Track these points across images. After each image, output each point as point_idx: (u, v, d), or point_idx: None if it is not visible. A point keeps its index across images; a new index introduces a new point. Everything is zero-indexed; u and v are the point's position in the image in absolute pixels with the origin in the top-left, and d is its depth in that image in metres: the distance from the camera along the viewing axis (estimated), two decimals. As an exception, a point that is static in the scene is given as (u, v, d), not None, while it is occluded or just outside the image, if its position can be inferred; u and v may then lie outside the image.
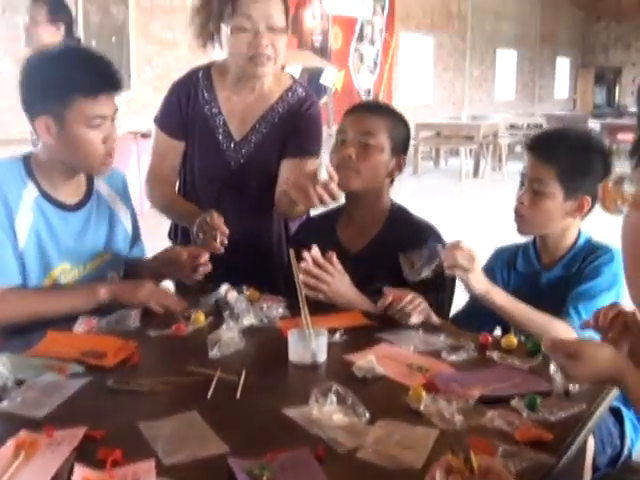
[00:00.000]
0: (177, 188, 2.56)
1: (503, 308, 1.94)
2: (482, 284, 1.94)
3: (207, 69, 2.47)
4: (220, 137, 2.42)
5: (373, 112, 2.25)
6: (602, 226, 1.97)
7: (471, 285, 1.92)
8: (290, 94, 2.46)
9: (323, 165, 1.98)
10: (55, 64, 2.00)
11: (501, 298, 1.95)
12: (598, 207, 2.07)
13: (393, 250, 2.17)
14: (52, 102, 1.96)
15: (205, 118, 2.42)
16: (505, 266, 2.27)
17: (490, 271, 2.29)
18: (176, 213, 2.48)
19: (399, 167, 2.26)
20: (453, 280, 2.19)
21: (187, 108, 2.42)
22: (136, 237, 2.33)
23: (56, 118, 1.97)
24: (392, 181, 2.29)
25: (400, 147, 2.25)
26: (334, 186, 1.98)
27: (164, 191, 2.49)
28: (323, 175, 1.95)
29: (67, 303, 2.01)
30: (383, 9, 13.95)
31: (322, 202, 2.01)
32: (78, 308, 2.00)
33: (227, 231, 2.15)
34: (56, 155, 2.04)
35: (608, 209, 0.69)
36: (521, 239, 2.25)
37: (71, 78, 1.96)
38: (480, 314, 2.07)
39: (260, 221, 2.49)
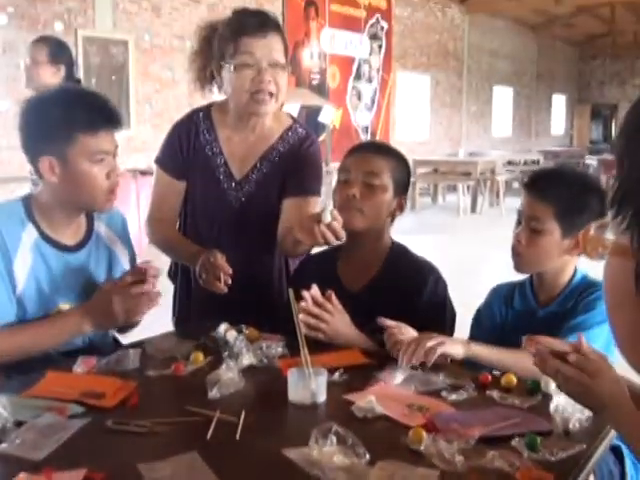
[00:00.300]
0: (177, 226, 2.57)
1: (489, 360, 1.93)
2: (460, 346, 1.92)
3: (207, 109, 2.50)
4: (221, 177, 2.44)
5: (377, 152, 2.27)
6: (598, 264, 1.99)
7: (452, 354, 1.90)
8: (290, 133, 2.48)
9: (328, 208, 2.00)
10: (53, 104, 2.03)
11: (484, 351, 1.93)
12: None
13: (393, 289, 2.18)
14: (54, 141, 1.99)
15: (206, 158, 2.44)
16: (502, 303, 2.27)
17: (488, 308, 2.29)
18: (177, 253, 2.50)
19: (401, 207, 2.27)
20: (453, 319, 2.20)
21: (188, 148, 2.44)
22: None
23: (59, 157, 1.99)
24: (393, 220, 2.31)
25: (402, 187, 2.27)
26: (338, 227, 2.00)
27: (165, 231, 2.50)
28: (327, 218, 1.97)
29: (54, 340, 2.03)
30: (380, 48, 14.11)
31: (326, 241, 2.02)
32: (65, 342, 2.05)
33: (230, 271, 2.16)
34: (60, 194, 2.06)
35: (590, 255, 0.71)
36: (520, 276, 2.26)
37: (71, 116, 1.98)
38: None
39: (261, 259, 2.50)
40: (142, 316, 2.07)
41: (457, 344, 1.92)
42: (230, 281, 2.16)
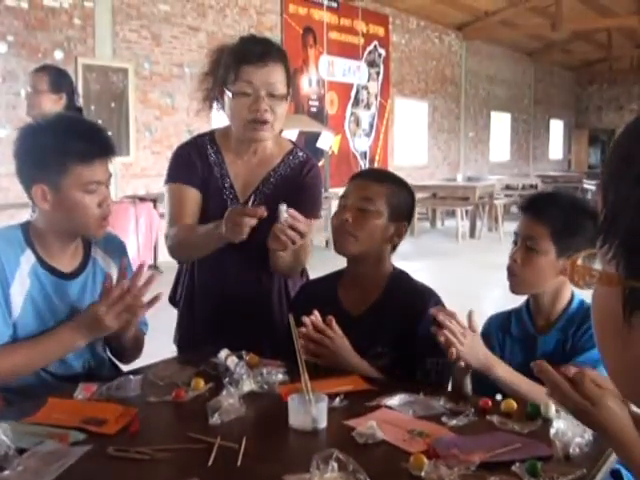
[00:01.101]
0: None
1: (506, 382, 1.93)
2: (480, 359, 1.93)
3: (211, 135, 2.52)
4: (227, 198, 2.45)
5: (374, 179, 2.28)
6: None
7: (467, 360, 1.92)
8: (291, 157, 2.51)
9: (282, 208, 2.09)
10: (49, 133, 2.04)
11: (504, 372, 1.93)
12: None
13: (394, 313, 2.19)
14: (47, 170, 2.00)
15: (215, 179, 2.45)
16: (499, 331, 2.27)
17: (485, 338, 2.27)
18: (200, 235, 2.36)
19: (399, 234, 2.26)
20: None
21: (202, 165, 2.44)
22: None
23: (52, 185, 2.01)
24: (395, 247, 2.31)
25: (400, 214, 2.26)
26: (298, 223, 2.08)
27: (187, 226, 2.41)
28: (284, 215, 2.07)
29: (49, 358, 2.06)
30: (378, 75, 14.21)
31: (289, 238, 2.09)
32: (59, 358, 2.08)
33: (265, 213, 2.11)
34: (53, 221, 2.07)
35: (577, 285, 0.71)
36: (518, 300, 2.26)
37: (66, 146, 1.99)
38: (482, 380, 2.07)
39: (262, 280, 2.50)
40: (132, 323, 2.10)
41: (478, 355, 1.93)
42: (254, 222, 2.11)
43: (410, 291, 2.25)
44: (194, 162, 2.45)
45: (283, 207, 2.10)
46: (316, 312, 2.06)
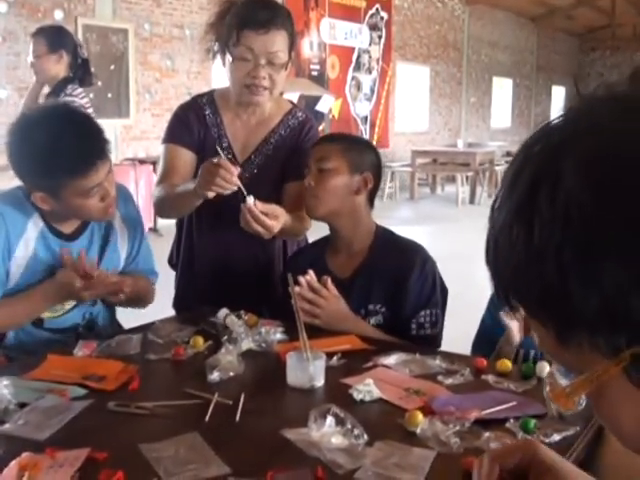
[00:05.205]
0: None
1: None
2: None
3: (210, 95, 2.51)
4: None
5: (326, 140, 2.33)
6: None
7: (512, 335, 1.98)
8: (290, 117, 2.51)
9: (249, 199, 2.11)
10: (39, 144, 1.93)
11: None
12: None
13: (382, 272, 2.20)
14: (44, 181, 1.97)
15: (212, 140, 2.45)
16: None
17: (491, 318, 2.26)
18: (181, 192, 2.32)
19: (366, 183, 2.24)
20: (444, 297, 2.21)
21: (199, 126, 2.44)
22: (137, 253, 2.35)
23: (51, 194, 1.99)
24: (372, 204, 2.30)
25: (362, 165, 2.23)
26: (265, 219, 2.11)
27: (171, 185, 2.38)
28: (249, 201, 2.11)
29: (30, 315, 2.10)
30: (380, 38, 14.10)
31: (253, 230, 2.12)
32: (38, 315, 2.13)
33: (236, 170, 2.12)
34: (58, 212, 2.08)
35: (570, 408, 0.61)
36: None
37: (59, 159, 1.92)
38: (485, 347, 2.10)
39: (262, 241, 2.50)
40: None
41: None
42: (237, 182, 2.12)
43: (396, 248, 2.25)
44: (191, 123, 2.45)
45: (250, 199, 2.11)
46: (311, 272, 2.07)
